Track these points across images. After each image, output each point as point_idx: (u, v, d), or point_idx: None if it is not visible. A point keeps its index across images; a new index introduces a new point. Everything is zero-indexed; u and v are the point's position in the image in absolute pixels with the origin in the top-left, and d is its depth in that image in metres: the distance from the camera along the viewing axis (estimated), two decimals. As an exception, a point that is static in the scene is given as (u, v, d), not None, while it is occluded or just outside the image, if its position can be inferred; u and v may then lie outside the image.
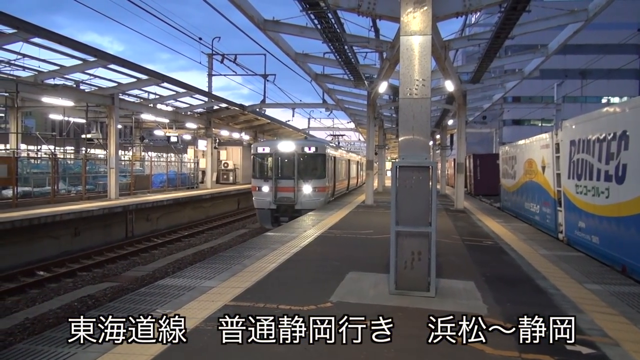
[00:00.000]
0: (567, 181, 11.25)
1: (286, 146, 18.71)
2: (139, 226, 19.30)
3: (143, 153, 34.20)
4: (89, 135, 26.73)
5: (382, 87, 16.36)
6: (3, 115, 24.96)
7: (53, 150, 23.88)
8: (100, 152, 29.56)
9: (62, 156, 25.31)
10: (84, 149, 28.45)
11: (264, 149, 18.95)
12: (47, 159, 22.87)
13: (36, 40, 14.88)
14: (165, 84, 20.49)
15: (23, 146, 26.50)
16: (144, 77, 19.02)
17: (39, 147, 28.25)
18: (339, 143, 36.08)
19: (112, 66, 18.04)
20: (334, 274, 7.11)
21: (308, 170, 18.68)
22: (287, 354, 4.10)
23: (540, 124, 49.35)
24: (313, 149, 18.65)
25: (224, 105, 26.44)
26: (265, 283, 6.67)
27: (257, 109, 28.62)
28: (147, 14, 14.11)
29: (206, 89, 25.11)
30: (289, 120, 35.50)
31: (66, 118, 27.56)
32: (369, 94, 18.72)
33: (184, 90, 21.95)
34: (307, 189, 18.21)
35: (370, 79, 17.59)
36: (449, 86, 16.02)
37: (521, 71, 19.62)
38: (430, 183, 6.04)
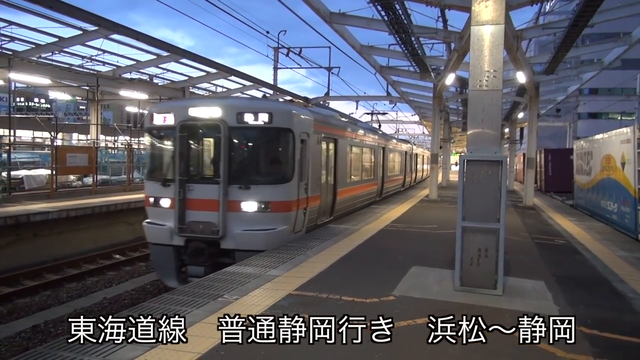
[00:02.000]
0: (649, 179, 10.53)
1: (206, 111, 9.02)
2: (206, 215, 19.97)
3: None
4: (161, 127, 27.97)
5: (449, 79, 15.99)
6: (84, 107, 26.68)
7: (129, 141, 25.22)
8: (171, 143, 30.79)
9: (136, 147, 26.70)
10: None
11: (164, 118, 9.22)
12: (123, 149, 24.23)
13: (115, 36, 15.76)
14: (232, 77, 21.07)
15: (102, 137, 28.23)
16: (213, 70, 19.67)
17: (115, 137, 29.99)
18: (379, 125, 28.33)
19: (183, 60, 18.77)
20: (397, 268, 7.06)
21: (253, 163, 9.67)
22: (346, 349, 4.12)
23: (619, 118, 46.26)
24: (265, 118, 8.73)
25: (288, 97, 26.77)
26: (329, 274, 6.73)
27: (321, 102, 28.71)
28: (217, 9, 14.54)
29: (271, 82, 25.53)
30: (352, 113, 35.34)
31: (140, 110, 29.03)
32: (435, 87, 18.34)
33: (250, 83, 22.48)
34: (248, 205, 8.71)
35: (437, 71, 17.22)
36: (521, 78, 15.39)
37: (600, 61, 18.52)
38: (500, 178, 5.85)
